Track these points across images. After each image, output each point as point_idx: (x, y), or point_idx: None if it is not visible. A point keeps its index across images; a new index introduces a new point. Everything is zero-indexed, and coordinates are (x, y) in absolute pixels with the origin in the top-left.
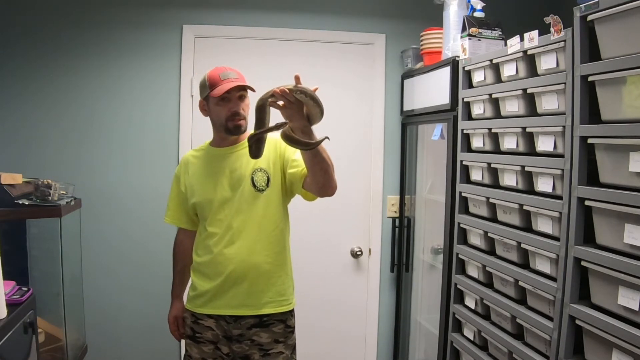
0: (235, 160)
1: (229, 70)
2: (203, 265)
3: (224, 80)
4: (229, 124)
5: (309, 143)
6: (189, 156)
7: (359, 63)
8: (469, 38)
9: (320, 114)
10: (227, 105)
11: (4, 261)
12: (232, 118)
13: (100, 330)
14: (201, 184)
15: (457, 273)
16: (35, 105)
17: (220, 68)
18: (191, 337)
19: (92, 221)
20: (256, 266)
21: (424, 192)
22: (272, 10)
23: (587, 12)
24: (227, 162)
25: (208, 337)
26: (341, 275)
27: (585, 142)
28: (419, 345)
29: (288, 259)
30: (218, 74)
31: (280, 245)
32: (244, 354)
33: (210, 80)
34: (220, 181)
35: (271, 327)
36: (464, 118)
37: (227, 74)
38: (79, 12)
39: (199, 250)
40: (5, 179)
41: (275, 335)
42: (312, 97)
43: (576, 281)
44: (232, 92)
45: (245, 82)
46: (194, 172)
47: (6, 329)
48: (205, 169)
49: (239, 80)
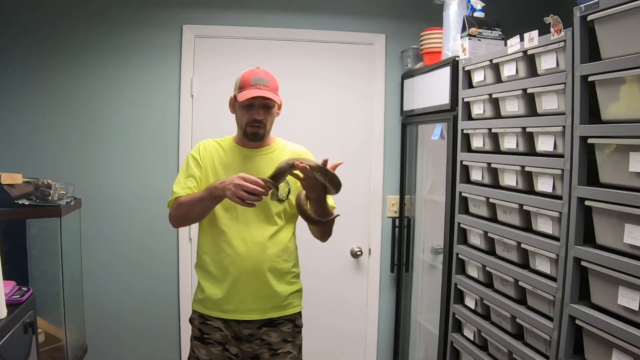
0: (262, 164)
1: (263, 75)
2: (212, 264)
3: (253, 86)
4: (248, 129)
5: (320, 221)
6: (213, 144)
7: (359, 63)
8: (469, 38)
9: (336, 191)
10: (250, 112)
11: (4, 261)
12: (251, 124)
13: (100, 330)
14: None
15: (457, 273)
16: (35, 105)
17: (255, 70)
18: (199, 338)
19: (92, 221)
20: (267, 270)
21: (424, 192)
22: (272, 10)
23: (587, 12)
24: (253, 163)
25: (217, 338)
26: (341, 275)
27: (585, 142)
28: (419, 345)
29: (298, 264)
30: (250, 77)
31: (291, 252)
32: (254, 354)
33: (241, 82)
34: None
35: (280, 326)
36: (464, 118)
37: (259, 79)
38: (79, 12)
39: (207, 247)
40: (5, 179)
41: (284, 334)
42: (331, 180)
43: (576, 281)
44: (257, 99)
45: (273, 92)
46: (220, 161)
47: (6, 329)
48: (231, 163)
49: (267, 90)
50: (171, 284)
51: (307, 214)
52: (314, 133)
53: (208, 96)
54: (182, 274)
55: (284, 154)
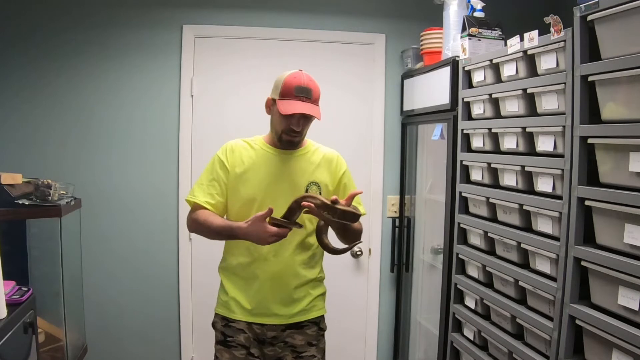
0: (295, 165)
1: (307, 83)
2: (239, 267)
3: (297, 98)
4: (284, 136)
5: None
6: (242, 144)
7: (359, 63)
8: (469, 38)
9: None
10: (289, 121)
11: (4, 261)
12: (288, 132)
13: (100, 330)
14: (258, 181)
15: (457, 273)
16: (35, 105)
17: (300, 78)
18: (222, 342)
19: (92, 221)
20: (294, 277)
21: (424, 192)
22: (272, 10)
23: (587, 12)
24: (285, 166)
25: (240, 341)
26: (341, 275)
27: (585, 142)
28: (419, 345)
29: (323, 269)
30: (294, 85)
31: (318, 258)
32: (276, 357)
33: (284, 87)
34: (278, 185)
35: (305, 329)
36: (464, 118)
37: (303, 89)
38: (79, 12)
39: (235, 249)
40: (5, 179)
41: (308, 337)
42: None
43: (576, 281)
44: None
45: (316, 103)
46: (251, 162)
47: (6, 329)
48: (262, 167)
49: (310, 103)
50: (171, 284)
51: (325, 244)
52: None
53: (208, 96)
54: (182, 273)
55: (313, 158)
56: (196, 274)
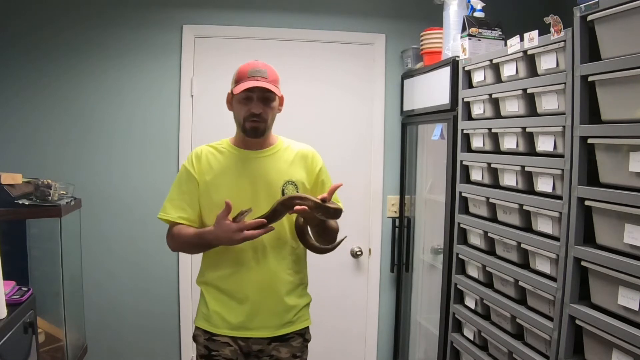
0: (267, 165)
1: (262, 66)
2: (220, 280)
3: (250, 78)
4: (246, 124)
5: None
6: (207, 150)
7: (359, 63)
8: (469, 38)
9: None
10: (248, 105)
11: (4, 261)
12: (249, 119)
13: (100, 330)
14: (229, 185)
15: (457, 273)
16: (35, 105)
17: (253, 63)
18: (206, 356)
19: (92, 221)
20: (279, 285)
21: (424, 192)
22: (272, 10)
23: (587, 12)
24: (257, 166)
25: (226, 355)
26: (341, 275)
27: (585, 142)
28: (419, 345)
29: (307, 274)
30: (247, 70)
31: (302, 265)
32: None
33: (238, 75)
34: (252, 186)
35: (291, 341)
36: (464, 118)
37: (257, 71)
38: (79, 12)
39: (214, 262)
40: (5, 179)
41: (293, 349)
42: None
43: (576, 281)
44: (255, 91)
45: (273, 82)
46: (219, 167)
47: (6, 329)
48: (232, 170)
49: (266, 81)
50: (171, 283)
51: (311, 244)
52: (314, 133)
53: (208, 96)
54: (182, 273)
55: (285, 156)
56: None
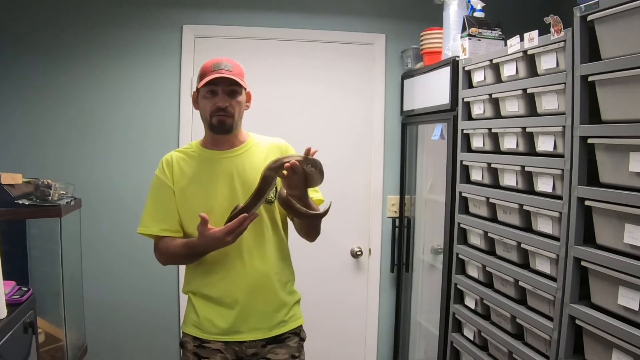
0: (242, 165)
1: (225, 61)
2: (208, 287)
3: (215, 72)
4: (213, 119)
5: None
6: (176, 156)
7: (359, 63)
8: (469, 38)
9: (322, 179)
10: (214, 100)
11: (4, 261)
12: (215, 113)
13: (100, 330)
14: (206, 190)
15: (457, 273)
16: (35, 105)
17: (216, 59)
18: None
19: (92, 221)
20: (268, 285)
21: (424, 192)
22: (272, 10)
23: (587, 12)
24: (231, 166)
25: None
26: (341, 275)
27: (585, 142)
28: (419, 345)
29: (293, 273)
30: (211, 64)
31: (288, 261)
32: None
33: (202, 70)
34: (229, 188)
35: (287, 341)
36: (464, 118)
37: (221, 64)
38: (79, 12)
39: (198, 269)
40: (5, 179)
41: (291, 350)
42: (320, 169)
43: (576, 281)
44: (220, 85)
45: (238, 76)
46: (193, 174)
47: (6, 329)
48: (206, 173)
49: (231, 74)
50: (171, 284)
51: (298, 210)
52: (314, 133)
53: None
54: (182, 273)
55: (258, 152)
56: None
